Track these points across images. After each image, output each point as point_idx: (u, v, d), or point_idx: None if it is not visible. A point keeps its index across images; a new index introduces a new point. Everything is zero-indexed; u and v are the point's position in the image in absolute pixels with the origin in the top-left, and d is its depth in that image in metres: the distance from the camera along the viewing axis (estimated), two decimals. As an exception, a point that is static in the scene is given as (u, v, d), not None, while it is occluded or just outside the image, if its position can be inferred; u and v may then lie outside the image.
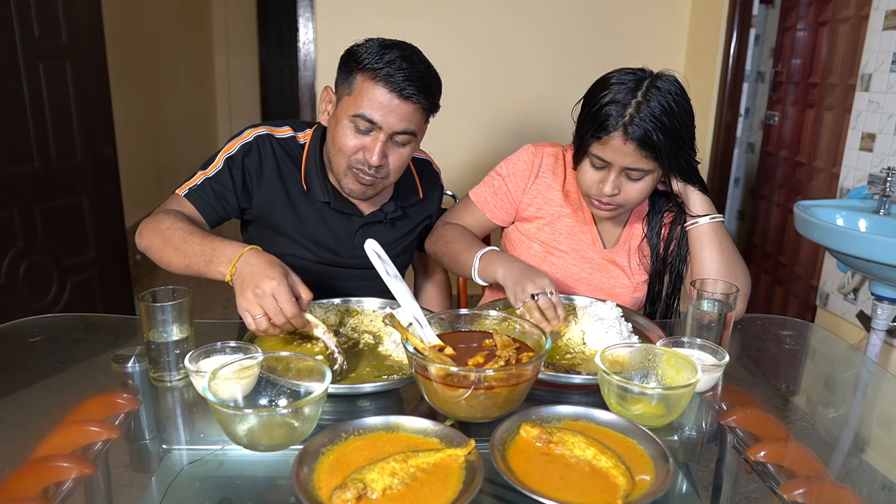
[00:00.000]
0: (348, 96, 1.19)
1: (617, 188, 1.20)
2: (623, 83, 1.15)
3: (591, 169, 1.22)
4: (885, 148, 2.04)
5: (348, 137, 1.20)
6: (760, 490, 0.78)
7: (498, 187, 1.38)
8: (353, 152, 1.21)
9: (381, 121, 1.16)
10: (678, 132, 1.16)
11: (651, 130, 1.12)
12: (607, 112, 1.14)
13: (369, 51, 1.17)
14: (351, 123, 1.19)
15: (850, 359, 1.28)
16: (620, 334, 1.09)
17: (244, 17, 6.76)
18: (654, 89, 1.14)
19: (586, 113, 1.20)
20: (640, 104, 1.13)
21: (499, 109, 3.06)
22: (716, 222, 1.25)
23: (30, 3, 2.20)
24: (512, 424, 0.80)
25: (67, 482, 0.75)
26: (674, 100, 1.14)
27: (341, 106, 1.21)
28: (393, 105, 1.16)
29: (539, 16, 2.97)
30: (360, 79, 1.17)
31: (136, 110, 4.36)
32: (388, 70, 1.14)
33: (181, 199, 1.26)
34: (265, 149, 1.30)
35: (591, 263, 1.37)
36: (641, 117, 1.12)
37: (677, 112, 1.15)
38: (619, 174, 1.19)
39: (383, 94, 1.15)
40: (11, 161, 2.22)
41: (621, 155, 1.16)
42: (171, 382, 0.96)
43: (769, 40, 3.16)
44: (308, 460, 0.72)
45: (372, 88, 1.15)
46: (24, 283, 2.31)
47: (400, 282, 1.00)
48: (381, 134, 1.18)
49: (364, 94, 1.16)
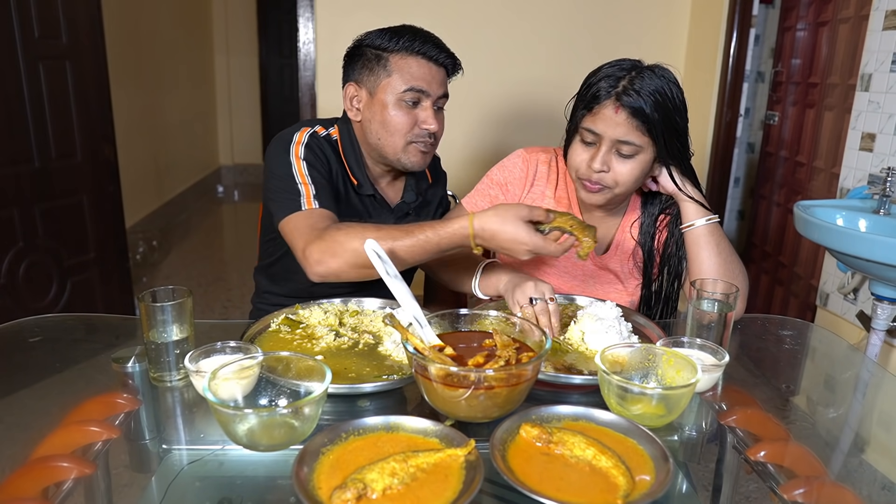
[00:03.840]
0: (388, 78, 1.25)
1: (606, 165, 1.19)
2: (617, 64, 1.18)
3: (582, 146, 1.22)
4: (885, 148, 2.04)
5: (401, 115, 1.26)
6: (760, 490, 0.78)
7: (495, 197, 1.37)
8: (410, 128, 1.27)
9: (428, 88, 1.26)
10: (671, 113, 1.16)
11: (644, 103, 1.13)
12: (599, 86, 1.16)
13: (387, 35, 1.26)
14: (400, 101, 1.25)
15: (850, 359, 1.28)
16: (620, 334, 1.09)
17: (244, 17, 6.76)
18: (648, 71, 1.16)
19: (579, 96, 1.22)
20: (634, 78, 1.14)
21: (498, 108, 3.06)
22: (712, 224, 1.24)
23: (30, 3, 2.20)
24: (512, 424, 0.80)
25: (67, 482, 0.75)
26: (667, 85, 1.16)
27: (381, 90, 1.26)
28: (433, 72, 1.27)
29: (538, 16, 2.97)
30: (396, 58, 1.26)
31: (136, 110, 4.36)
32: (418, 44, 1.25)
33: (318, 211, 1.19)
34: (322, 145, 1.32)
35: (584, 271, 1.36)
36: (634, 88, 1.13)
37: (671, 96, 1.16)
38: (609, 149, 1.18)
39: (423, 64, 1.26)
40: (11, 161, 2.22)
41: (612, 125, 1.15)
42: (171, 382, 0.96)
43: (769, 40, 3.16)
44: (308, 460, 0.72)
45: (411, 63, 1.25)
46: (24, 283, 2.31)
47: (400, 282, 1.00)
48: (429, 101, 1.27)
49: (406, 70, 1.25)
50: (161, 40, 4.96)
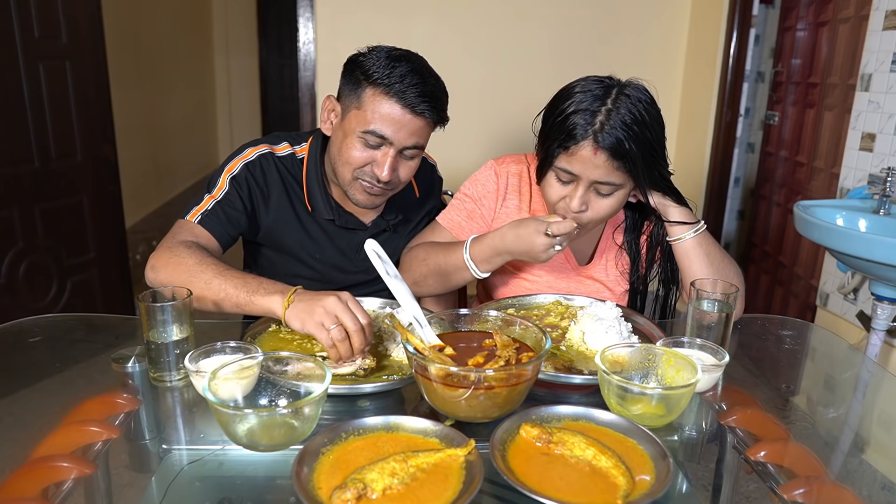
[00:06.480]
0: (357, 110, 1.16)
1: (585, 204, 1.13)
2: (589, 90, 1.09)
3: (558, 183, 1.15)
4: (885, 148, 2.04)
5: (357, 150, 1.17)
6: (760, 490, 0.78)
7: (472, 210, 1.31)
8: (361, 165, 1.19)
9: (392, 136, 1.14)
10: (650, 143, 1.09)
11: (623, 139, 1.05)
12: (574, 121, 1.07)
13: (377, 63, 1.13)
14: (360, 139, 1.16)
15: (850, 359, 1.28)
16: (620, 334, 1.09)
17: (244, 17, 6.77)
18: (622, 97, 1.07)
19: (551, 123, 1.12)
20: (611, 111, 1.06)
21: (498, 108, 3.06)
22: (699, 234, 1.21)
23: (30, 3, 2.20)
24: (512, 424, 0.80)
25: (67, 482, 0.75)
26: (644, 108, 1.08)
27: (349, 119, 1.17)
28: (405, 121, 1.14)
29: (538, 16, 2.97)
30: (369, 93, 1.14)
31: (136, 110, 4.36)
32: (399, 86, 1.11)
33: (193, 225, 1.20)
34: (269, 168, 1.27)
35: (568, 282, 1.33)
36: (612, 125, 1.05)
37: (649, 122, 1.08)
38: (587, 189, 1.12)
39: (396, 109, 1.13)
40: (11, 161, 2.22)
41: (591, 167, 1.09)
42: (171, 382, 0.96)
43: (769, 40, 3.16)
44: (308, 460, 0.72)
45: (383, 104, 1.13)
46: (24, 283, 2.31)
47: (400, 282, 1.00)
48: (391, 149, 1.16)
49: (375, 109, 1.13)
50: (161, 40, 4.96)
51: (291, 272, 1.33)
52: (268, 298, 1.00)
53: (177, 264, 1.08)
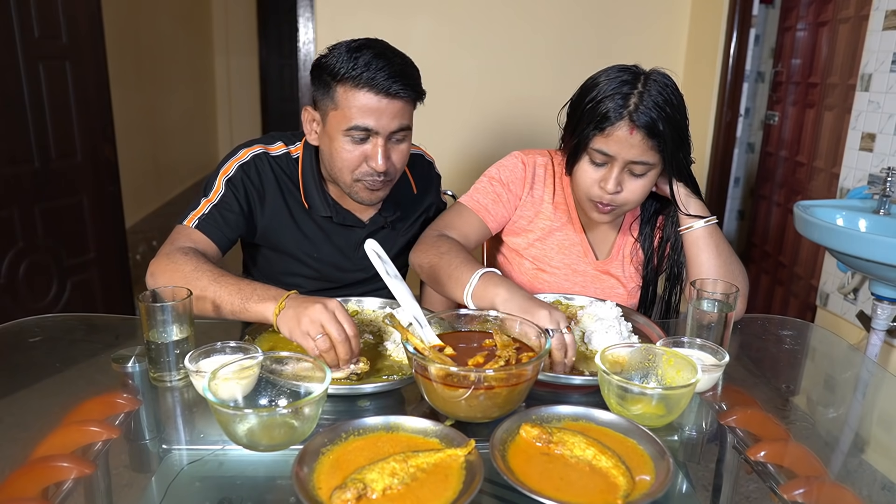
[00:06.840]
0: (335, 111, 1.15)
1: (620, 185, 1.17)
2: (617, 77, 1.14)
3: (592, 167, 1.18)
4: (885, 148, 2.03)
5: (347, 151, 1.17)
6: (760, 490, 0.78)
7: (500, 194, 1.32)
8: (357, 165, 1.19)
9: (375, 126, 1.14)
10: (680, 125, 1.15)
11: (657, 119, 1.11)
12: (608, 105, 1.12)
13: (340, 59, 1.13)
14: (346, 137, 1.16)
15: (850, 359, 1.28)
16: (620, 334, 1.09)
17: (244, 17, 6.76)
18: (651, 81, 1.13)
19: (582, 110, 1.16)
20: (643, 94, 1.11)
21: (498, 108, 3.06)
22: (711, 225, 1.24)
23: (30, 3, 2.20)
24: (512, 424, 0.80)
25: (67, 482, 0.75)
26: (672, 92, 1.14)
27: (330, 122, 1.17)
28: (383, 106, 1.13)
29: (538, 15, 2.97)
30: (341, 90, 1.13)
31: (136, 110, 4.36)
32: (367, 74, 1.11)
33: (191, 230, 1.20)
34: (264, 168, 1.27)
35: (585, 276, 1.35)
36: (646, 105, 1.10)
37: (677, 105, 1.14)
38: (622, 169, 1.16)
39: (370, 98, 1.12)
40: (11, 161, 2.22)
41: (626, 146, 1.13)
42: (171, 382, 0.96)
43: (769, 40, 3.15)
44: (308, 460, 0.72)
45: (357, 96, 1.12)
46: (24, 283, 2.31)
47: (400, 282, 1.00)
48: (378, 139, 1.16)
49: (351, 104, 1.13)
50: (161, 40, 4.96)
51: (290, 272, 1.33)
52: (261, 305, 1.00)
53: (174, 271, 1.08)
